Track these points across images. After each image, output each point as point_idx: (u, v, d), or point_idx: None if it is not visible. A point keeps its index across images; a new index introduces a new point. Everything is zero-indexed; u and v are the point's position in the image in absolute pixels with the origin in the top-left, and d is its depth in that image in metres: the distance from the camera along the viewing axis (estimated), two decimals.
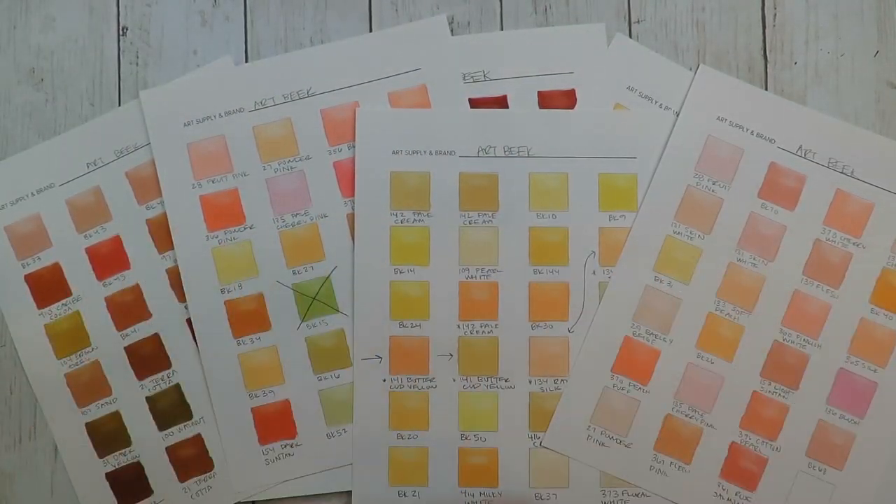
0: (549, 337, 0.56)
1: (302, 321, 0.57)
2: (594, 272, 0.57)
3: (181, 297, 0.57)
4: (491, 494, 0.56)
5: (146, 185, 0.58)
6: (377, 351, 0.56)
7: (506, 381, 0.56)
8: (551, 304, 0.57)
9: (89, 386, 0.57)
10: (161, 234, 0.57)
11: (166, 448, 0.57)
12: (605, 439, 0.56)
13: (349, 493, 0.56)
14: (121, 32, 0.59)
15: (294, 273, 0.57)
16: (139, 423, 0.57)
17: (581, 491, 0.55)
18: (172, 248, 0.57)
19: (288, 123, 0.58)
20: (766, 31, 0.59)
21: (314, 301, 0.57)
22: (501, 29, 0.59)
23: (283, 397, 0.57)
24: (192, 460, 0.56)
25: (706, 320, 0.56)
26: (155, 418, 0.57)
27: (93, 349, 0.57)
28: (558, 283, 0.57)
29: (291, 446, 0.56)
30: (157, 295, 0.57)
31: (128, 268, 0.57)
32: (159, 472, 0.56)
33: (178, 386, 0.57)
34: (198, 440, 0.57)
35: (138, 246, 0.57)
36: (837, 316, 0.56)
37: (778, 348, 0.56)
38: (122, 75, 0.59)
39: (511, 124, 0.57)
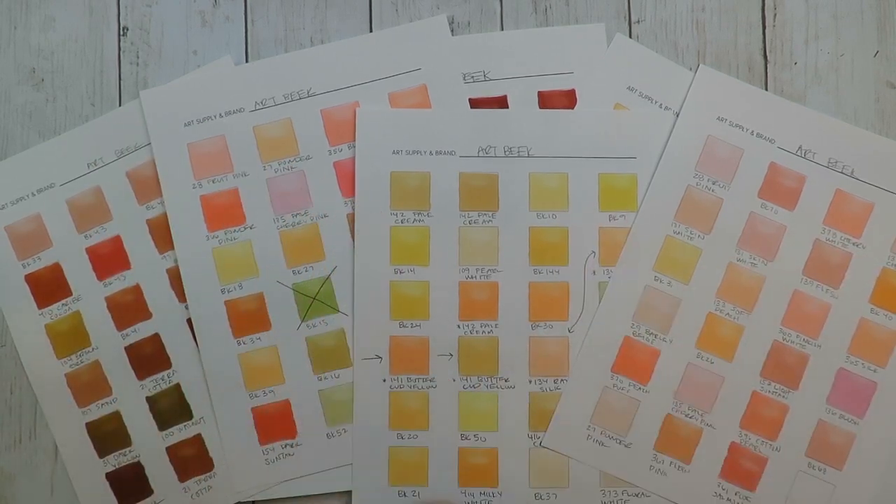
0: (549, 337, 0.56)
1: (302, 321, 0.57)
2: (594, 272, 0.57)
3: (181, 297, 0.57)
4: (491, 494, 0.56)
5: (146, 185, 0.58)
6: (377, 351, 0.56)
7: (506, 381, 0.56)
8: (551, 304, 0.57)
9: (89, 386, 0.57)
10: (161, 234, 0.57)
11: (166, 448, 0.57)
12: (605, 439, 0.56)
13: (349, 493, 0.56)
14: (121, 32, 0.59)
15: (294, 273, 0.57)
16: (139, 423, 0.57)
17: (581, 491, 0.55)
18: (172, 248, 0.57)
19: (288, 123, 0.58)
20: (766, 31, 0.59)
21: (314, 301, 0.57)
22: (501, 29, 0.59)
23: (283, 397, 0.57)
24: (192, 460, 0.56)
25: (706, 320, 0.56)
26: (155, 418, 0.57)
27: (93, 349, 0.57)
28: (558, 283, 0.57)
29: (291, 446, 0.56)
30: (158, 295, 0.57)
31: (128, 268, 0.57)
32: (159, 472, 0.56)
33: (178, 386, 0.57)
34: (198, 440, 0.57)
35: (138, 246, 0.57)
36: (837, 316, 0.56)
37: (778, 348, 0.56)
38: (122, 75, 0.59)
39: (511, 124, 0.57)
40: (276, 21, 0.59)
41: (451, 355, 0.56)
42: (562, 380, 0.56)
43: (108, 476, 0.56)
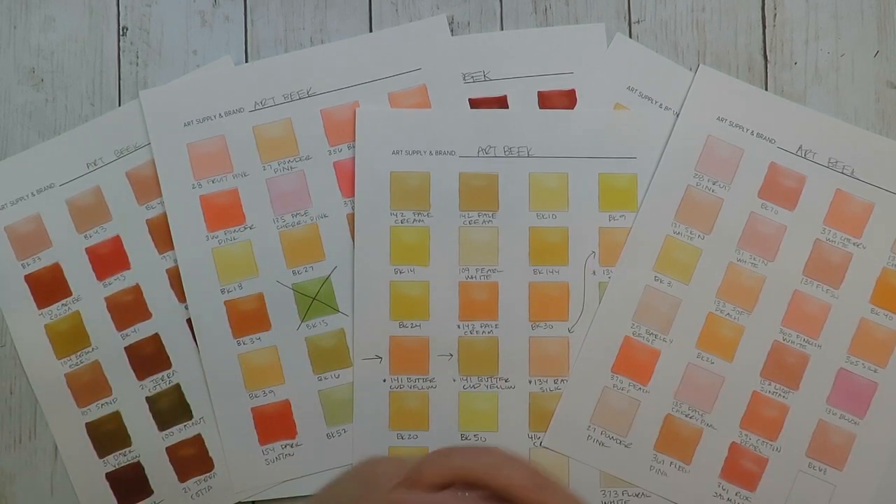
0: (549, 337, 0.56)
1: (302, 321, 0.57)
2: (594, 272, 0.57)
3: (181, 297, 0.57)
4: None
5: (146, 185, 0.58)
6: (377, 351, 0.56)
7: (506, 381, 0.56)
8: (551, 304, 0.57)
9: (89, 386, 0.57)
10: (161, 234, 0.57)
11: (166, 448, 0.57)
12: (605, 439, 0.56)
13: None
14: (121, 32, 0.59)
15: (294, 273, 0.57)
16: (139, 423, 0.57)
17: (581, 491, 0.55)
18: (172, 248, 0.57)
19: (288, 123, 0.58)
20: (766, 31, 0.59)
21: (314, 301, 0.57)
22: (501, 29, 0.59)
23: (283, 397, 0.57)
24: (192, 460, 0.56)
25: (706, 320, 0.56)
26: (155, 418, 0.57)
27: (93, 349, 0.57)
28: (558, 283, 0.57)
29: (291, 446, 0.56)
30: (157, 295, 0.57)
31: (128, 268, 0.57)
32: (159, 472, 0.56)
33: (178, 386, 0.57)
34: (198, 440, 0.56)
35: (138, 246, 0.57)
36: (837, 316, 0.56)
37: (778, 348, 0.56)
38: (122, 75, 0.59)
39: (511, 124, 0.57)
40: (276, 21, 0.59)
41: (451, 355, 0.56)
42: (562, 380, 0.56)
43: (108, 476, 0.56)
